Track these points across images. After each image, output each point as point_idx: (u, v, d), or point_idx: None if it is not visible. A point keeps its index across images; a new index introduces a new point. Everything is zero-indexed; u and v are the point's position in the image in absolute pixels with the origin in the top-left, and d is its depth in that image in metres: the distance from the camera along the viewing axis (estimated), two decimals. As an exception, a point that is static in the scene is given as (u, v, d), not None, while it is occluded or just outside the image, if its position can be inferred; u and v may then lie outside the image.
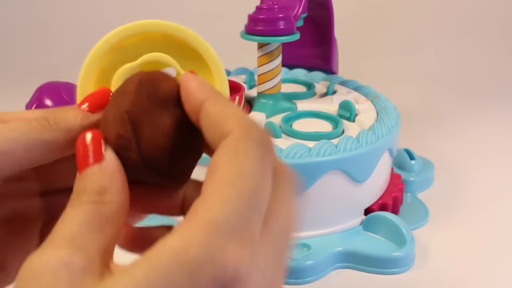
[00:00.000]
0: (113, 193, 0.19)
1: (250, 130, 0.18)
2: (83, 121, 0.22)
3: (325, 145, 0.45)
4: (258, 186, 0.17)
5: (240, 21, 0.55)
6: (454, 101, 0.88)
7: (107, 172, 0.20)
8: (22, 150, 0.20)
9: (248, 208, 0.17)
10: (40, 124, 0.21)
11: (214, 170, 0.17)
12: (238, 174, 0.17)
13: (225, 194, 0.17)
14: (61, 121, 0.21)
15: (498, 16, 1.06)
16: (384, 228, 0.48)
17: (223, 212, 0.16)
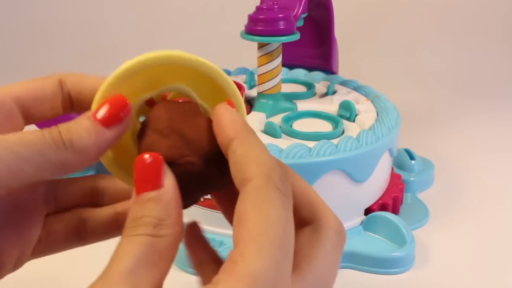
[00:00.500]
0: (169, 226, 0.19)
1: (271, 177, 0.19)
2: (97, 139, 0.21)
3: (325, 145, 0.45)
4: (286, 233, 0.18)
5: (240, 21, 0.55)
6: (454, 101, 0.88)
7: (165, 202, 0.19)
8: (33, 169, 0.20)
9: (282, 256, 0.17)
10: (54, 140, 0.20)
11: (243, 220, 0.18)
12: (267, 223, 0.18)
13: (259, 245, 0.17)
14: (75, 138, 0.21)
15: (498, 16, 1.06)
16: (384, 228, 0.48)
17: (260, 264, 0.17)
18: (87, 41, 1.07)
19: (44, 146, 0.20)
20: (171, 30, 1.07)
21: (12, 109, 0.23)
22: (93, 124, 0.21)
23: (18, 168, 0.20)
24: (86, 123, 0.21)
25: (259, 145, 0.21)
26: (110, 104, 0.22)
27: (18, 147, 0.20)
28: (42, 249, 0.25)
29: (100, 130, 0.21)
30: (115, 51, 1.05)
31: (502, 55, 1.02)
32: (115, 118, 0.21)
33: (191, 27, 1.07)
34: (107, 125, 0.21)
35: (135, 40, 1.07)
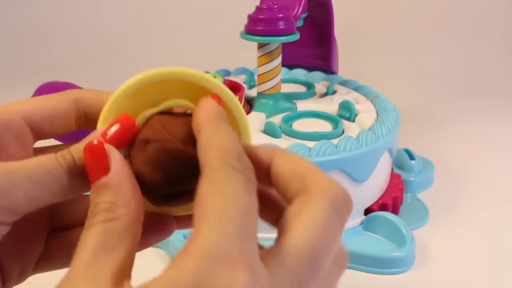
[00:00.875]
0: (122, 205, 0.20)
1: (227, 157, 0.19)
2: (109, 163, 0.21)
3: (325, 145, 0.45)
4: (243, 207, 0.18)
5: (240, 21, 0.55)
6: (454, 101, 0.88)
7: (115, 184, 0.20)
8: (50, 195, 0.21)
9: (237, 230, 0.17)
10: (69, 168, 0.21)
11: (199, 201, 0.18)
12: (221, 200, 0.18)
13: (211, 221, 0.17)
14: None
15: (498, 16, 1.06)
16: (384, 228, 0.48)
17: (212, 239, 0.17)
18: (87, 41, 1.07)
19: (60, 173, 0.21)
20: (171, 30, 1.07)
21: (21, 127, 0.23)
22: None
23: (37, 195, 0.20)
24: None
25: (225, 131, 0.21)
26: (119, 125, 0.22)
27: (37, 176, 0.20)
28: (44, 265, 0.25)
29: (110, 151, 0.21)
30: (116, 51, 1.05)
31: (502, 55, 1.02)
32: (124, 139, 0.22)
33: (191, 27, 1.07)
34: (117, 146, 0.21)
35: (135, 40, 1.08)
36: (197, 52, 1.01)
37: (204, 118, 0.21)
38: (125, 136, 0.22)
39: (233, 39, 0.62)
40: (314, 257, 0.18)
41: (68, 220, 0.26)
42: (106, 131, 0.22)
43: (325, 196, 0.20)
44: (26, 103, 0.24)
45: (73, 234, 0.26)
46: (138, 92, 0.23)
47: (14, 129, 0.23)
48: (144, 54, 1.04)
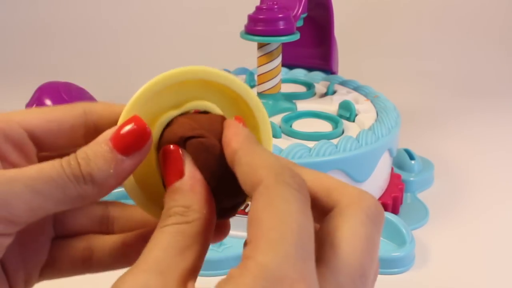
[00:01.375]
0: (196, 210, 0.20)
1: (280, 174, 0.19)
2: (116, 170, 0.20)
3: (325, 145, 0.45)
4: (300, 225, 0.18)
5: (240, 21, 0.55)
6: (454, 101, 0.88)
7: (188, 189, 0.20)
8: (53, 204, 0.20)
9: (294, 249, 0.17)
10: (74, 175, 0.20)
11: (254, 219, 0.18)
12: (278, 218, 0.17)
13: (269, 239, 0.17)
14: (94, 171, 0.20)
15: (498, 17, 1.06)
16: (384, 228, 0.47)
17: (270, 257, 0.17)
18: (87, 41, 1.07)
19: (64, 181, 0.20)
20: (171, 30, 1.07)
21: (22, 138, 0.22)
22: (112, 153, 0.20)
23: (38, 205, 0.19)
24: (104, 153, 0.20)
25: (264, 151, 0.20)
26: (130, 128, 0.20)
27: (38, 184, 0.19)
28: (49, 272, 0.25)
29: (119, 159, 0.20)
30: (116, 51, 1.05)
31: (502, 55, 1.02)
32: (135, 145, 0.20)
33: (191, 27, 1.07)
34: (126, 153, 0.20)
35: (136, 40, 1.08)
36: (197, 52, 1.01)
37: (237, 144, 0.20)
38: (136, 142, 0.20)
39: (233, 39, 0.62)
40: (363, 272, 0.19)
41: (73, 228, 0.26)
42: (114, 138, 0.20)
43: (359, 207, 0.20)
44: (29, 113, 0.23)
45: (77, 243, 0.25)
46: (158, 94, 0.22)
47: (13, 139, 0.22)
48: (144, 54, 1.04)
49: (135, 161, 0.21)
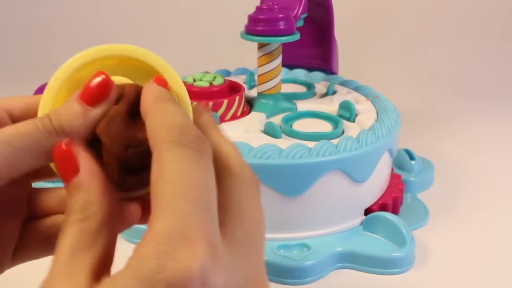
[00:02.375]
0: (95, 203, 0.20)
1: (178, 136, 0.20)
2: (85, 120, 0.22)
3: (325, 145, 0.46)
4: (191, 182, 0.18)
5: (240, 21, 0.55)
6: (454, 101, 0.88)
7: (84, 184, 0.21)
8: (31, 158, 0.21)
9: (192, 208, 0.18)
10: (46, 128, 0.21)
11: (152, 187, 0.19)
12: (170, 182, 0.18)
13: (164, 204, 0.18)
14: (65, 123, 0.22)
15: (498, 17, 1.06)
16: (384, 228, 0.48)
17: (166, 221, 0.17)
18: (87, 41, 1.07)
19: (38, 135, 0.21)
20: (171, 30, 1.07)
21: (3, 117, 0.24)
22: (80, 105, 0.22)
23: (17, 159, 0.21)
24: (73, 106, 0.22)
25: (171, 111, 0.21)
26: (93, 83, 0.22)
27: (15, 139, 0.21)
28: (22, 255, 0.26)
29: (87, 109, 0.22)
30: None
31: (502, 55, 1.02)
32: (100, 95, 0.22)
33: (191, 27, 1.07)
34: (93, 104, 0.22)
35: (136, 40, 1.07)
36: (198, 52, 1.01)
37: (148, 103, 0.22)
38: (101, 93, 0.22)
39: (233, 39, 0.62)
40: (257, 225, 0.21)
41: (44, 209, 0.27)
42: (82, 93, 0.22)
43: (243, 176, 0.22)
44: (9, 98, 0.25)
45: (48, 222, 0.26)
46: (73, 78, 0.24)
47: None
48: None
49: (102, 110, 0.22)
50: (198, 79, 0.54)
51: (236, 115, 0.53)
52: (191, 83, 0.54)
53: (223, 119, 0.52)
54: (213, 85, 0.53)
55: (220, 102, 0.52)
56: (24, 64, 1.02)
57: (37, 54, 1.05)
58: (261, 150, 0.44)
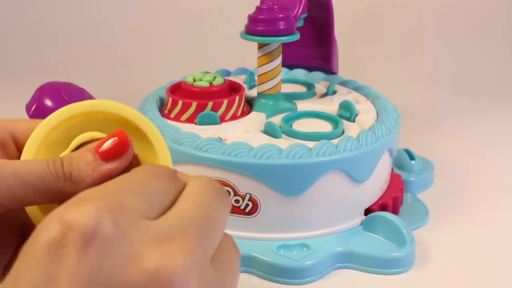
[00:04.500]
0: None
1: None
2: (93, 172, 0.23)
3: (325, 145, 0.46)
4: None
5: (240, 21, 0.55)
6: (454, 101, 0.88)
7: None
8: (33, 194, 0.22)
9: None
10: (56, 171, 0.22)
11: None
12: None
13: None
14: (74, 171, 0.23)
15: (498, 17, 1.06)
16: (384, 228, 0.48)
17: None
18: (87, 41, 1.07)
19: (47, 174, 0.22)
20: (171, 31, 1.07)
21: (7, 139, 0.25)
22: (93, 157, 0.23)
23: (20, 192, 0.22)
24: (86, 156, 0.23)
25: None
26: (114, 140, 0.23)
27: (23, 172, 0.22)
28: None
29: (99, 163, 0.23)
30: (116, 51, 1.05)
31: (502, 55, 1.02)
32: (115, 153, 0.23)
33: (191, 27, 1.07)
34: (106, 159, 0.23)
35: (136, 41, 1.08)
36: (197, 52, 1.01)
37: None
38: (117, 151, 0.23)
39: (233, 39, 0.62)
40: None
41: None
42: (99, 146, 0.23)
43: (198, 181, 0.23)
44: (14, 121, 0.26)
45: None
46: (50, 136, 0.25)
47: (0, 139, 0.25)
48: (144, 55, 1.04)
49: (114, 166, 0.23)
50: (198, 79, 0.54)
51: (236, 115, 0.53)
52: (191, 83, 0.54)
53: (223, 119, 0.52)
54: (213, 85, 0.53)
55: (220, 102, 0.52)
56: (24, 64, 1.02)
57: (37, 54, 1.05)
58: (261, 150, 0.44)
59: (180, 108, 0.52)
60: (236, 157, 0.44)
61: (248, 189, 0.45)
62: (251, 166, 0.44)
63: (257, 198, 0.45)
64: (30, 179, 0.22)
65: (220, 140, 0.47)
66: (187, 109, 0.51)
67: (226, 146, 0.45)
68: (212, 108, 0.51)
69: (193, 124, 0.51)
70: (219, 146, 0.46)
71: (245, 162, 0.44)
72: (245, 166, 0.44)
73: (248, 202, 0.45)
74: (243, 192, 0.45)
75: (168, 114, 0.53)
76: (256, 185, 0.45)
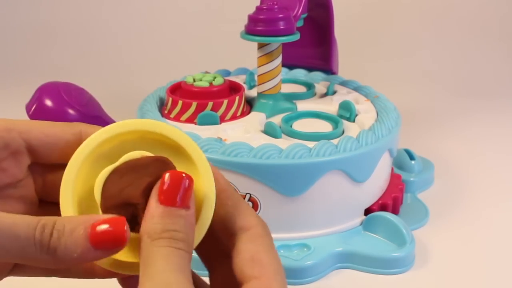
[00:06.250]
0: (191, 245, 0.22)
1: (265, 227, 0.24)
2: (80, 256, 0.21)
3: (325, 145, 0.46)
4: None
5: (240, 21, 0.55)
6: (454, 101, 0.88)
7: (190, 223, 0.22)
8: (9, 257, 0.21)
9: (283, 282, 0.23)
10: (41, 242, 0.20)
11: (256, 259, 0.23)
12: (279, 265, 0.23)
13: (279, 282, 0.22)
14: (60, 247, 0.21)
15: (498, 17, 1.06)
16: (384, 228, 0.48)
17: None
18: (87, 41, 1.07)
19: (29, 243, 0.20)
20: (171, 30, 1.07)
21: (19, 147, 0.24)
22: (85, 240, 0.21)
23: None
24: (79, 236, 0.21)
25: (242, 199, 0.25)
26: (111, 227, 0.21)
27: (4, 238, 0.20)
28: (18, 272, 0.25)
29: (88, 248, 0.21)
30: (116, 51, 1.05)
31: (502, 55, 1.02)
32: (108, 245, 0.21)
33: (191, 27, 1.07)
34: (96, 247, 0.21)
35: (136, 40, 1.07)
36: (197, 52, 1.01)
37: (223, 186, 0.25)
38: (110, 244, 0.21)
39: (233, 39, 0.62)
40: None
41: None
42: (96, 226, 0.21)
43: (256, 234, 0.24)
44: (30, 125, 0.24)
45: None
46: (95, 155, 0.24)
47: (13, 147, 0.24)
48: (144, 54, 1.04)
49: (102, 255, 0.21)
50: (198, 79, 0.54)
51: (236, 115, 0.53)
52: (191, 83, 0.54)
53: (223, 119, 0.52)
54: (213, 85, 0.53)
55: (220, 102, 0.52)
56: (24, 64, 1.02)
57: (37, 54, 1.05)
58: (261, 150, 0.44)
59: (180, 108, 0.52)
60: (236, 157, 0.44)
61: (248, 189, 0.45)
62: (251, 166, 0.44)
63: (257, 198, 0.45)
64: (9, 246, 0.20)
65: (220, 140, 0.47)
66: (187, 109, 0.52)
67: (226, 146, 0.45)
68: (212, 108, 0.51)
69: (193, 124, 0.51)
70: (219, 146, 0.46)
71: (245, 162, 0.44)
72: (245, 166, 0.44)
73: (248, 202, 0.45)
74: (243, 192, 0.45)
75: (168, 114, 0.53)
76: (256, 185, 0.45)
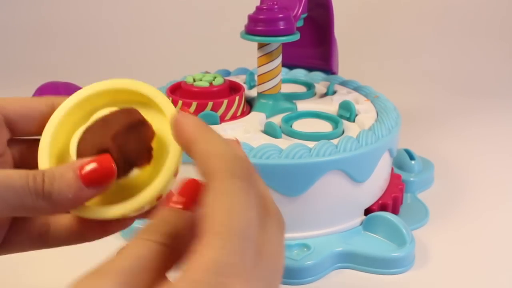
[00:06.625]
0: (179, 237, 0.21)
1: (234, 168, 0.20)
2: (75, 196, 0.22)
3: (325, 145, 0.46)
4: (248, 220, 0.19)
5: (240, 21, 0.55)
6: (454, 101, 0.88)
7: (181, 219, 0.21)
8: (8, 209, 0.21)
9: (243, 244, 0.18)
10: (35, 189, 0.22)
11: (207, 213, 0.19)
12: (229, 214, 0.19)
13: (219, 234, 0.18)
14: (55, 191, 0.22)
15: (498, 17, 1.06)
16: (384, 228, 0.48)
17: (219, 251, 0.18)
18: (87, 41, 1.07)
19: (25, 192, 0.21)
20: (171, 30, 1.07)
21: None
22: (76, 181, 0.22)
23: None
24: (70, 178, 0.22)
25: (216, 138, 0.22)
26: (98, 165, 0.22)
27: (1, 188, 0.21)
28: (8, 247, 0.26)
29: (80, 187, 0.22)
30: (116, 51, 1.05)
31: (502, 55, 1.02)
32: (99, 181, 0.22)
33: (191, 27, 1.07)
34: (88, 185, 0.22)
35: (136, 40, 1.08)
36: (197, 52, 1.01)
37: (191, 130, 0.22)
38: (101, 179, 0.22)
39: (233, 39, 0.62)
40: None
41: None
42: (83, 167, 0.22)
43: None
44: (6, 100, 0.26)
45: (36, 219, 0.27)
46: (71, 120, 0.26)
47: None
48: (144, 54, 1.04)
49: (94, 192, 0.22)
50: (198, 79, 0.54)
51: (236, 115, 0.53)
52: (191, 83, 0.54)
53: (223, 119, 0.52)
54: (213, 85, 0.53)
55: (220, 102, 0.52)
56: (24, 64, 1.02)
57: (37, 54, 1.05)
58: (261, 150, 0.44)
59: (180, 108, 0.52)
60: (236, 157, 0.44)
61: (248, 189, 0.45)
62: (251, 166, 0.44)
63: (257, 198, 0.45)
64: (6, 196, 0.21)
65: (220, 140, 0.47)
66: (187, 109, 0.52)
67: (226, 146, 0.45)
68: (212, 108, 0.51)
69: (193, 124, 0.51)
70: (219, 146, 0.45)
71: (245, 162, 0.44)
72: (245, 166, 0.44)
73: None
74: (243, 192, 0.45)
75: (168, 114, 0.53)
76: (256, 185, 0.45)
